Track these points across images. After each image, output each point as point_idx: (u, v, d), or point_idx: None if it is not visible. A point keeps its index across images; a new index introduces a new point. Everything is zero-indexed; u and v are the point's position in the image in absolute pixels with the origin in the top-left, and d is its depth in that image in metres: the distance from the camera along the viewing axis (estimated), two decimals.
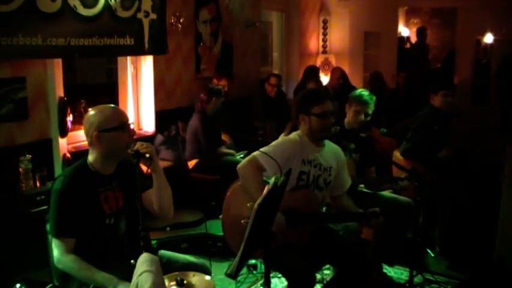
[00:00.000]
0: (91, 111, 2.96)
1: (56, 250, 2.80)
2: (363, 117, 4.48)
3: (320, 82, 8.01)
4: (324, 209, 3.84)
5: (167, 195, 3.11)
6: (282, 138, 3.66)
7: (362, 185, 4.48)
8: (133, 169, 2.94)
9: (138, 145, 2.90)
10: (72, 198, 2.80)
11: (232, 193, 3.52)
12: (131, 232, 2.97)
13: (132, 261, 2.74)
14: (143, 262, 2.52)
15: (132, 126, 3.01)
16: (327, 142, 3.69)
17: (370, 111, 4.50)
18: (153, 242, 4.44)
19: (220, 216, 3.51)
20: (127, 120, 2.99)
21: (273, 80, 7.66)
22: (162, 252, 3.16)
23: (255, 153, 3.42)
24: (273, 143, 3.54)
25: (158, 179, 3.05)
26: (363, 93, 4.55)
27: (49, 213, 2.85)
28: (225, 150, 6.26)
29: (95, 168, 2.94)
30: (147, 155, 2.89)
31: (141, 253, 2.61)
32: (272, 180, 2.58)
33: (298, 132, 3.62)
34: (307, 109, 3.53)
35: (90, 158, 2.96)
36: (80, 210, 2.80)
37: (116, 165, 3.02)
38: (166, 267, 2.80)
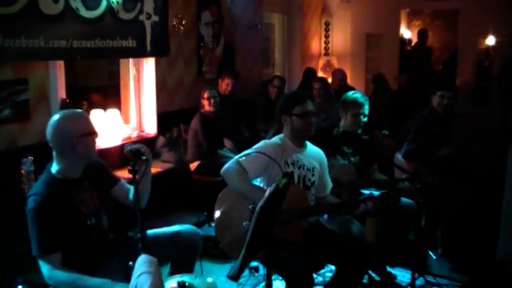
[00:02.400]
0: (58, 118, 2.93)
1: (44, 268, 2.80)
2: (361, 118, 4.48)
3: (324, 81, 7.98)
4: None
5: (148, 192, 3.27)
6: (263, 141, 3.73)
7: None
8: (101, 166, 3.10)
9: (137, 145, 2.94)
10: (49, 213, 2.78)
11: (221, 197, 3.56)
12: (115, 226, 2.99)
13: (130, 262, 2.75)
14: (142, 263, 2.52)
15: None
16: (309, 144, 3.77)
17: (366, 112, 4.50)
18: None
19: (213, 224, 3.53)
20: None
21: (276, 82, 7.67)
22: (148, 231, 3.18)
23: (237, 157, 3.51)
24: (255, 146, 3.61)
25: (147, 179, 3.16)
26: (356, 95, 4.54)
27: (29, 233, 2.83)
28: (225, 153, 6.26)
29: (63, 175, 2.94)
30: (144, 157, 2.92)
31: (139, 255, 2.61)
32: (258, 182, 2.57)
33: (280, 135, 3.70)
34: (288, 110, 3.63)
35: (56, 166, 2.95)
36: (60, 222, 2.79)
37: (83, 167, 3.05)
38: (157, 244, 2.82)
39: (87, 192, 2.97)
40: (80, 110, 3.08)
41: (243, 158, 3.43)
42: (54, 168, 2.95)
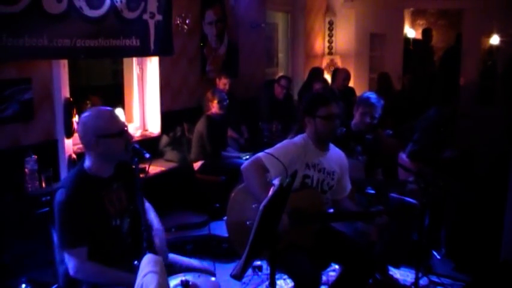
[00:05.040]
0: (88, 114, 2.90)
1: (73, 261, 2.75)
2: (368, 119, 4.45)
3: (327, 83, 8.02)
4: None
5: None
6: (286, 141, 3.67)
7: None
8: (132, 168, 2.96)
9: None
10: (78, 208, 2.75)
11: (236, 194, 3.52)
12: (134, 230, 2.97)
13: (135, 262, 2.74)
14: (147, 263, 2.51)
15: (128, 131, 2.97)
16: (332, 147, 3.72)
17: (376, 115, 4.47)
18: None
19: (225, 218, 3.52)
20: (124, 125, 2.96)
21: (283, 82, 7.67)
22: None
23: (260, 154, 3.43)
24: (278, 145, 3.56)
25: None
26: (371, 96, 4.51)
27: (57, 226, 2.80)
28: (229, 154, 6.27)
29: (94, 172, 2.89)
30: (147, 155, 2.90)
31: (144, 254, 2.61)
32: (276, 181, 2.57)
33: (303, 135, 3.64)
34: (313, 111, 3.56)
35: (88, 162, 2.91)
36: (86, 218, 2.77)
37: (114, 166, 3.00)
38: (169, 270, 2.80)
39: (116, 193, 2.93)
40: (109, 109, 2.96)
41: (265, 159, 3.37)
42: (86, 163, 2.91)
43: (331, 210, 3.78)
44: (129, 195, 2.98)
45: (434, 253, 4.99)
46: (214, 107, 6.08)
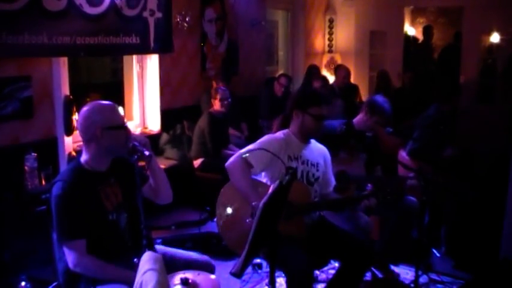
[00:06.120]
0: (89, 108, 2.91)
1: (71, 254, 2.75)
2: (378, 127, 4.49)
3: (326, 80, 8.01)
4: None
5: (164, 186, 3.16)
6: (267, 135, 3.70)
7: None
8: (130, 164, 2.98)
9: (136, 143, 2.95)
10: (75, 201, 2.76)
11: (225, 191, 3.54)
12: (132, 226, 2.97)
13: (135, 259, 2.74)
14: (147, 260, 2.51)
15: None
16: (312, 140, 3.75)
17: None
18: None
19: (215, 219, 3.52)
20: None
21: (283, 81, 7.67)
22: (167, 248, 3.16)
23: (241, 151, 3.49)
24: (259, 140, 3.59)
25: (156, 173, 3.09)
26: (385, 105, 4.47)
27: (55, 219, 2.80)
28: (231, 152, 6.26)
29: (91, 166, 2.90)
30: (147, 153, 2.91)
31: (144, 251, 2.60)
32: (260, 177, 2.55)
33: (284, 131, 3.68)
34: (304, 107, 3.59)
35: (85, 156, 2.92)
36: (84, 211, 2.77)
37: (110, 161, 3.00)
38: (169, 265, 2.80)
39: (112, 187, 2.94)
40: (110, 102, 2.98)
41: (248, 153, 3.41)
42: (83, 158, 2.92)
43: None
44: (125, 191, 2.99)
45: (434, 251, 4.99)
46: (216, 104, 6.07)
